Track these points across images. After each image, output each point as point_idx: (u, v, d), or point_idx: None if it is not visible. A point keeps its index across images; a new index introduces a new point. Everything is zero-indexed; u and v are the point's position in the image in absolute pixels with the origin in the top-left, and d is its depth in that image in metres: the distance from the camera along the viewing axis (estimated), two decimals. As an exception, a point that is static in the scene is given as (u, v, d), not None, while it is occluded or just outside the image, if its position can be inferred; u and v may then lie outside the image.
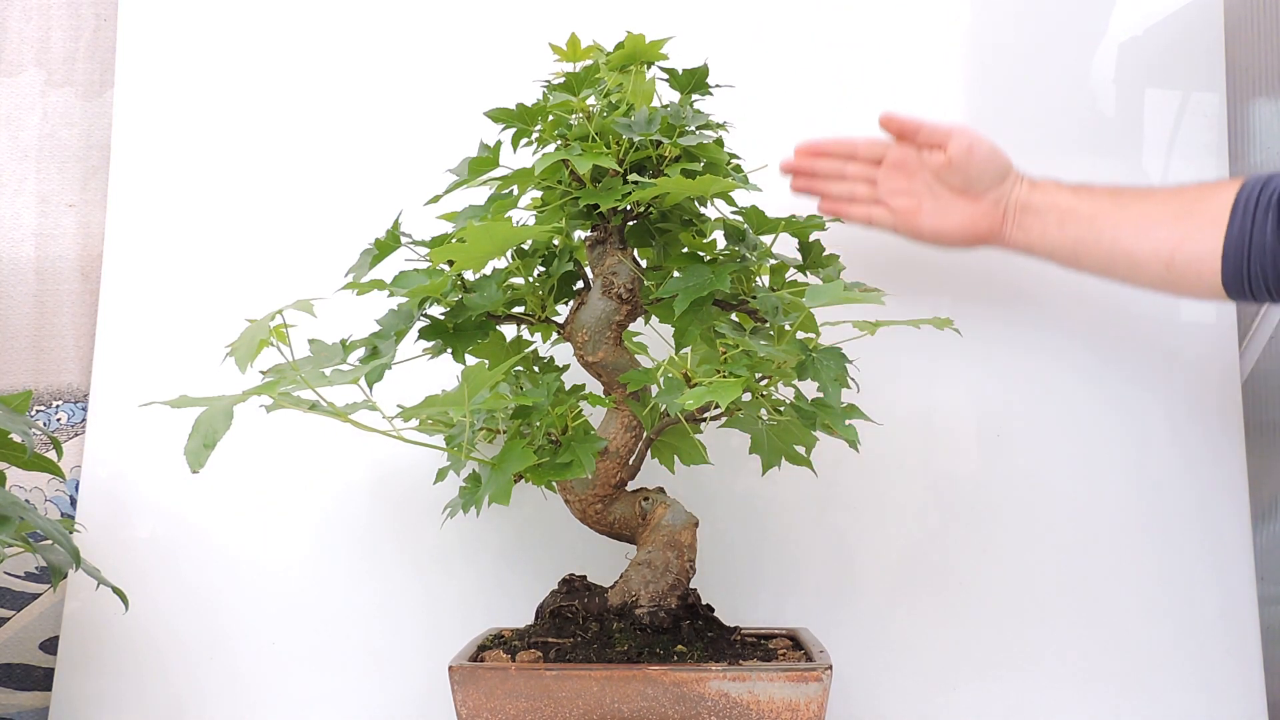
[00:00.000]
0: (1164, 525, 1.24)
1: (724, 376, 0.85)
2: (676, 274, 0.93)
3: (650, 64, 0.95)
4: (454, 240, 0.91)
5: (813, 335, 0.97)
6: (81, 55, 1.35)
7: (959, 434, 1.26)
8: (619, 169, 0.90)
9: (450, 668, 0.89)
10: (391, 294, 0.92)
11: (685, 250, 0.96)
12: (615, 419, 0.98)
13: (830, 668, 0.88)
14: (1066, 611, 1.23)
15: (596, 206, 0.91)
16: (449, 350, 0.95)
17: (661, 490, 1.02)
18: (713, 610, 1.01)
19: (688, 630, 0.95)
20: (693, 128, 0.91)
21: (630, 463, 0.99)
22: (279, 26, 1.32)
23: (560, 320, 1.00)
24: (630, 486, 1.01)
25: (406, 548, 1.23)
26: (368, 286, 0.93)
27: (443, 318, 0.96)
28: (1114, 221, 1.02)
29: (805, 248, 1.01)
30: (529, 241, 0.96)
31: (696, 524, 0.99)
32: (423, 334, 0.95)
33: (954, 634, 1.22)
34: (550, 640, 0.95)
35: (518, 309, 0.99)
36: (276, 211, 1.29)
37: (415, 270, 0.93)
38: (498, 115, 0.94)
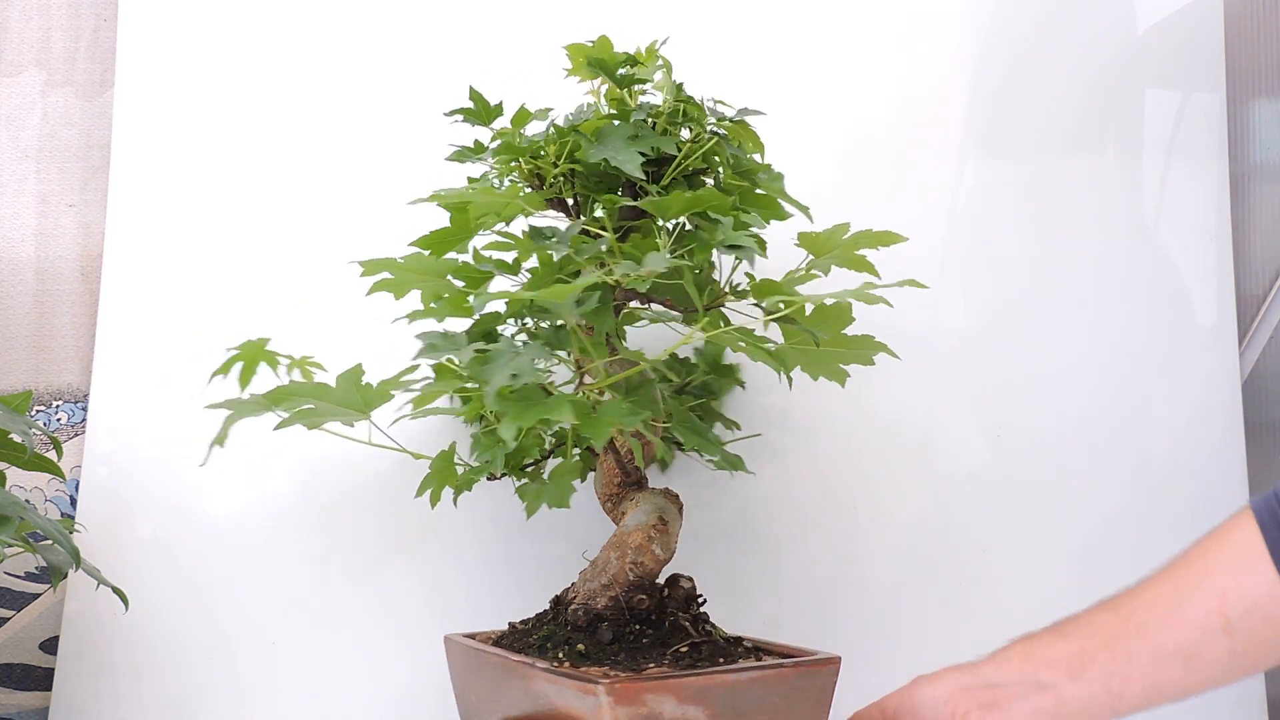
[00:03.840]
0: (1164, 525, 1.24)
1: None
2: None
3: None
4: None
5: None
6: (81, 55, 1.35)
7: (959, 434, 1.26)
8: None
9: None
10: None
11: None
12: None
13: (610, 682, 0.81)
14: (1067, 612, 1.22)
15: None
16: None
17: (656, 491, 1.01)
18: (675, 613, 0.97)
19: (603, 630, 0.94)
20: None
21: (631, 464, 1.00)
22: (280, 26, 1.32)
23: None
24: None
25: (407, 548, 1.23)
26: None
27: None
28: (1126, 644, 0.81)
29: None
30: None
31: (655, 525, 0.98)
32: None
33: (954, 634, 1.22)
34: (517, 627, 1.01)
35: None
36: (277, 211, 1.29)
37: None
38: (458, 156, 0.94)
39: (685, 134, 0.95)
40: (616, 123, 0.91)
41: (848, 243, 0.95)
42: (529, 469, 1.06)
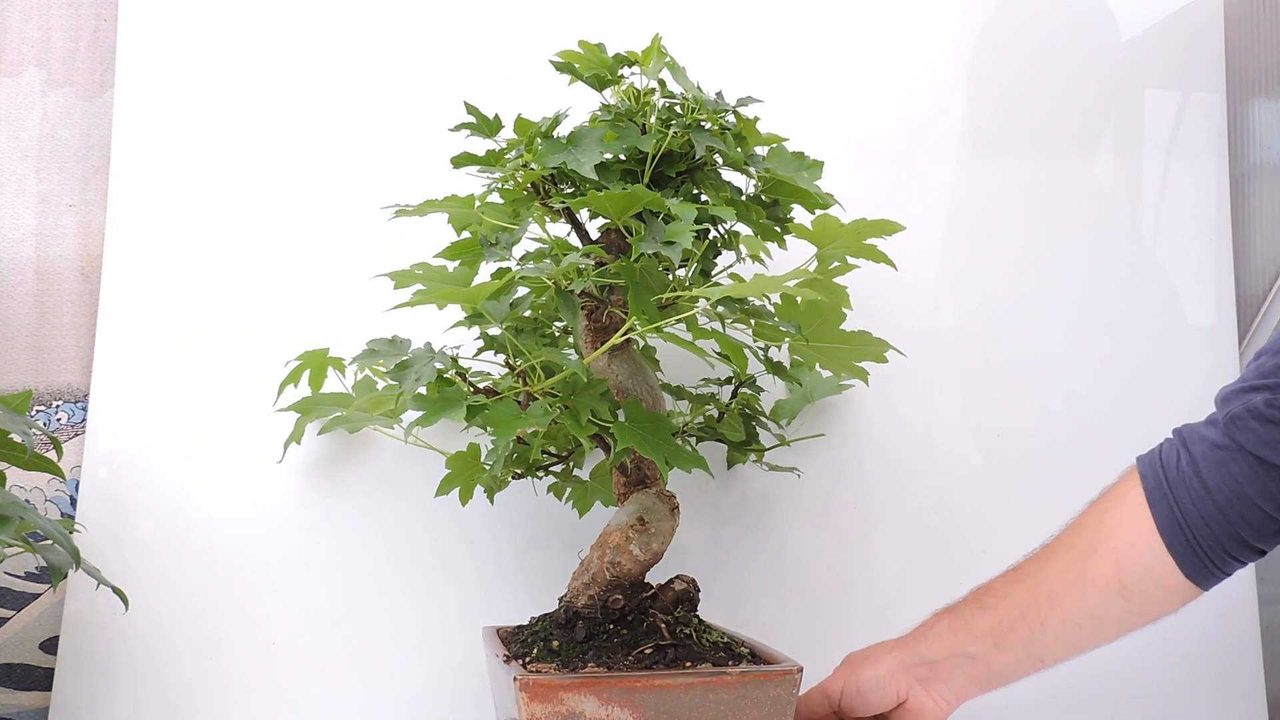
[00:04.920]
0: (1164, 525, 1.24)
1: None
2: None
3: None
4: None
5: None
6: (81, 55, 1.35)
7: (958, 435, 1.26)
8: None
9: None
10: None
11: None
12: None
13: (524, 678, 0.83)
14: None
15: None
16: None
17: (649, 491, 1.01)
18: (655, 614, 0.97)
19: (579, 628, 0.95)
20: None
21: (632, 466, 1.00)
22: (280, 26, 1.32)
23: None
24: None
25: (407, 548, 1.23)
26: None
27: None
28: (1039, 611, 0.91)
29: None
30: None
31: (634, 525, 0.98)
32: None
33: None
34: (531, 622, 1.03)
35: None
36: (276, 211, 1.29)
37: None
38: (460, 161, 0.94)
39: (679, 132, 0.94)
40: (600, 125, 0.92)
41: (849, 231, 0.94)
42: (553, 469, 1.07)
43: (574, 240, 0.96)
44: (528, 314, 0.99)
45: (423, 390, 0.84)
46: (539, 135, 0.90)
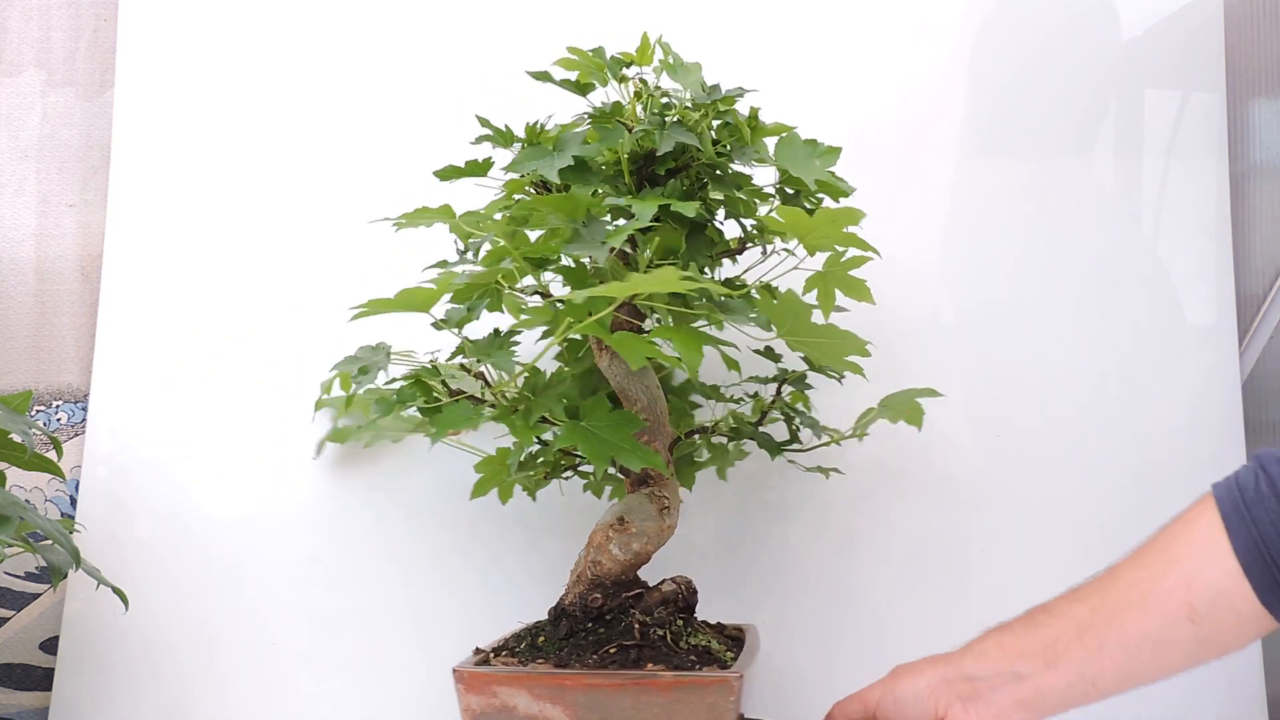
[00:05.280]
0: (1164, 525, 1.24)
1: None
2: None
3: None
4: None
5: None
6: (81, 55, 1.35)
7: (959, 434, 1.26)
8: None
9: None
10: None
11: None
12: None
13: (460, 670, 0.86)
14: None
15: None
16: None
17: (642, 492, 1.00)
18: (633, 614, 0.97)
19: (561, 625, 0.96)
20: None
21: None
22: (280, 26, 1.32)
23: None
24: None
25: (406, 549, 1.23)
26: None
27: None
28: (1097, 634, 0.83)
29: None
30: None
31: (613, 525, 0.98)
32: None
33: (954, 635, 1.22)
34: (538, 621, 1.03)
35: None
36: (277, 211, 1.29)
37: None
38: (446, 174, 0.94)
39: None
40: (582, 129, 0.92)
41: (820, 222, 0.90)
42: (582, 468, 1.07)
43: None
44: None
45: (360, 391, 0.88)
46: (523, 141, 0.91)
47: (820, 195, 0.96)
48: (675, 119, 0.90)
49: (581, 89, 0.94)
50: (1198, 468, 1.24)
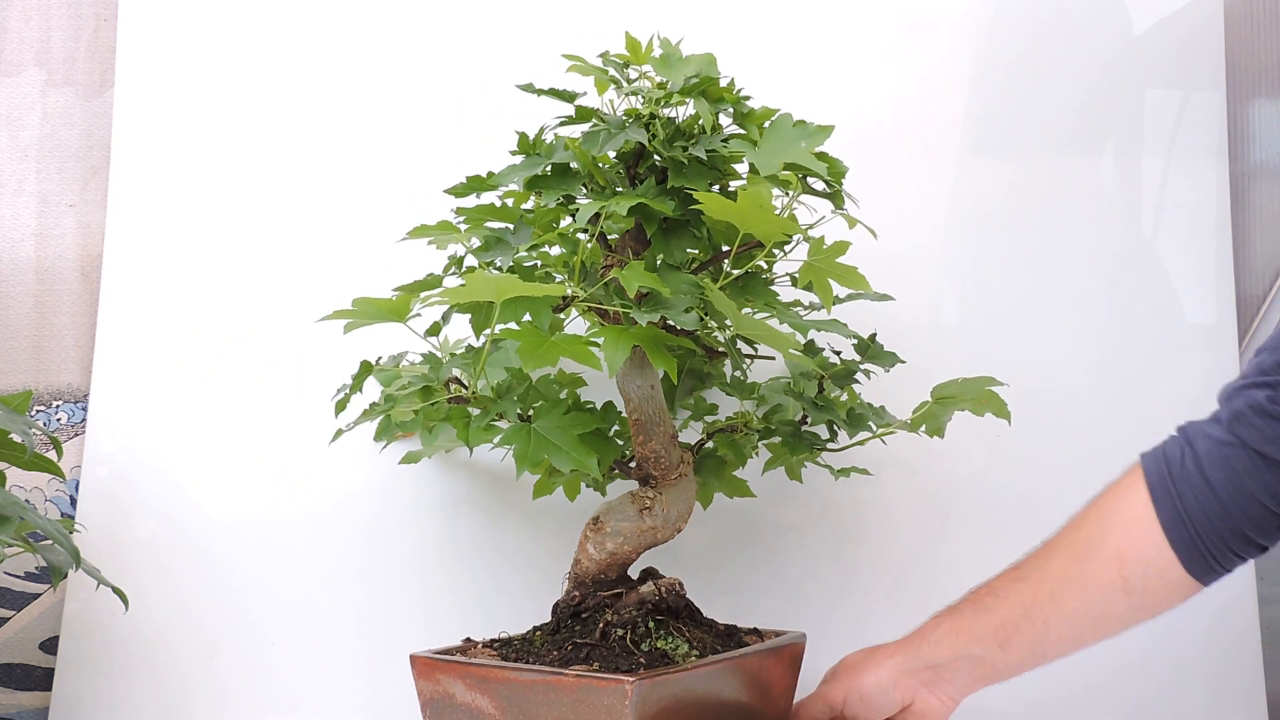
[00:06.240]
0: (1164, 525, 1.23)
1: None
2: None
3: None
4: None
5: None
6: (81, 55, 1.35)
7: (959, 434, 1.25)
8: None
9: None
10: None
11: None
12: None
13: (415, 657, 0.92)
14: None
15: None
16: None
17: (636, 492, 1.00)
18: (606, 612, 0.98)
19: (549, 624, 0.99)
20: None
21: (635, 466, 1.01)
22: (280, 26, 1.32)
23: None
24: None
25: (406, 548, 1.23)
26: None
27: None
28: (1043, 605, 0.91)
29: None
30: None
31: (591, 525, 0.98)
32: None
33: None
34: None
35: None
36: (277, 211, 1.29)
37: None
38: (458, 190, 0.96)
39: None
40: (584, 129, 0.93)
41: (746, 203, 0.86)
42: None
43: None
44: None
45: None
46: (521, 152, 0.93)
47: (813, 180, 0.94)
48: (650, 115, 0.91)
49: (566, 96, 0.95)
50: (1198, 467, 1.24)
